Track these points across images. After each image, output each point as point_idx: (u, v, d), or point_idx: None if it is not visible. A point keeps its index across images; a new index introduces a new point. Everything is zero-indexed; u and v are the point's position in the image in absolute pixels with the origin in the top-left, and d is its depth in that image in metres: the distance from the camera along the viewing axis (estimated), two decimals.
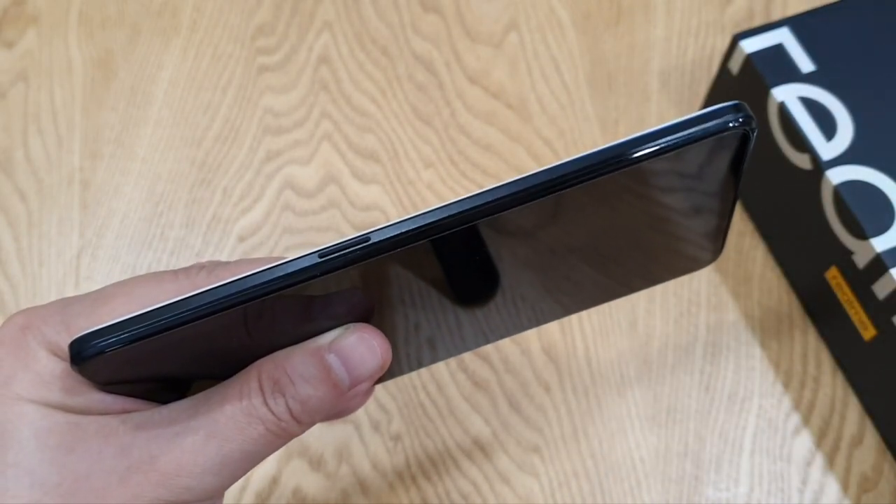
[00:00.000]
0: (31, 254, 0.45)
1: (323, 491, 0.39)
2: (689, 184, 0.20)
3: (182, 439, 0.21)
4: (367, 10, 0.52)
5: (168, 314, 0.19)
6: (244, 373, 0.22)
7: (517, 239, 0.21)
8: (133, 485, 0.20)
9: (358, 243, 0.19)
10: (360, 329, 0.22)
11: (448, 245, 0.20)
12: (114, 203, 0.46)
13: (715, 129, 0.18)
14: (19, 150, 0.48)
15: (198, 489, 0.21)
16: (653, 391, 0.41)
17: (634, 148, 0.18)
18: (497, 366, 0.42)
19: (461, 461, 0.40)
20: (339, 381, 0.22)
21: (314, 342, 0.22)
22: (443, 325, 0.24)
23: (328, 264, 0.19)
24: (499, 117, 0.48)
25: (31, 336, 0.21)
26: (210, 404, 0.21)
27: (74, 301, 0.22)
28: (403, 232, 0.19)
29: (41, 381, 0.21)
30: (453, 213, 0.19)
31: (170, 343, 0.20)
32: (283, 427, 0.21)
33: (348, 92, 0.49)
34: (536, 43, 0.51)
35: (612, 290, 0.26)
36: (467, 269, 0.22)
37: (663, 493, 0.39)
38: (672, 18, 0.51)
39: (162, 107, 0.49)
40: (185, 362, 0.22)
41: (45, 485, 0.20)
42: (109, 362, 0.20)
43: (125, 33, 0.51)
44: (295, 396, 0.21)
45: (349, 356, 0.22)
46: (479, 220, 0.19)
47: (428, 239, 0.19)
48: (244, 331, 0.21)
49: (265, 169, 0.47)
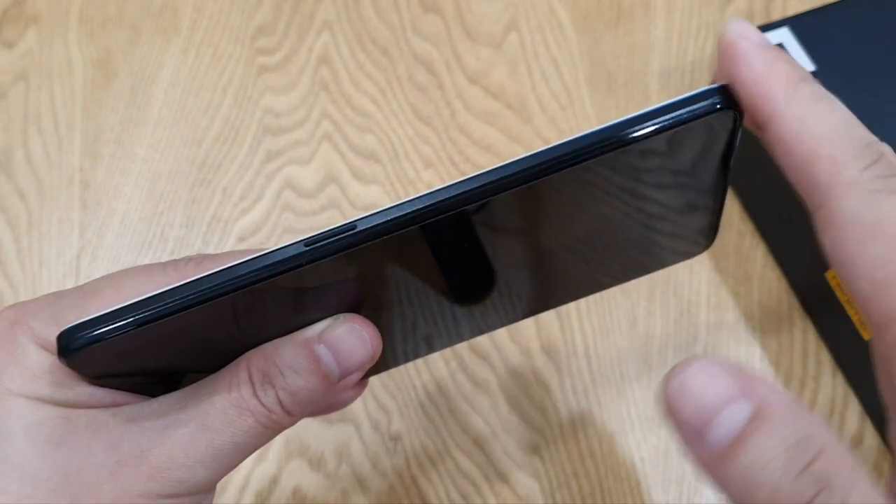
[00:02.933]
0: (31, 254, 0.45)
1: (323, 491, 0.39)
2: (678, 168, 0.20)
3: (173, 432, 0.21)
4: (368, 10, 0.52)
5: (155, 305, 0.19)
6: (234, 365, 0.22)
7: (506, 226, 0.21)
8: (124, 478, 0.20)
9: (344, 231, 0.19)
10: (349, 319, 0.22)
11: (436, 233, 0.20)
12: (114, 203, 0.46)
13: (702, 110, 0.18)
14: (19, 150, 0.48)
15: (189, 482, 0.21)
16: (653, 391, 0.41)
17: (622, 130, 0.18)
18: (497, 366, 0.42)
19: (461, 461, 0.40)
20: (329, 371, 0.21)
21: (303, 333, 0.22)
22: (435, 316, 0.24)
23: (314, 252, 0.19)
24: (499, 118, 0.49)
25: (20, 331, 0.21)
26: (200, 396, 0.21)
27: (64, 295, 0.22)
28: (390, 219, 0.19)
29: (31, 375, 0.21)
30: (439, 200, 0.19)
31: (158, 334, 0.20)
32: (273, 419, 0.21)
33: (348, 92, 0.49)
34: (536, 43, 0.51)
35: (605, 280, 0.26)
36: (457, 258, 0.22)
37: (663, 493, 0.39)
38: (672, 19, 0.51)
39: (162, 107, 0.49)
40: (175, 355, 0.22)
41: (35, 479, 0.20)
42: (98, 354, 0.20)
43: (125, 33, 0.51)
44: (285, 388, 0.21)
45: (339, 347, 0.21)
46: (464, 206, 0.19)
47: (415, 226, 0.19)
48: (233, 322, 0.21)
49: (265, 169, 0.47)
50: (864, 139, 0.18)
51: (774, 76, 0.18)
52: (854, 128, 0.18)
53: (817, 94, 0.18)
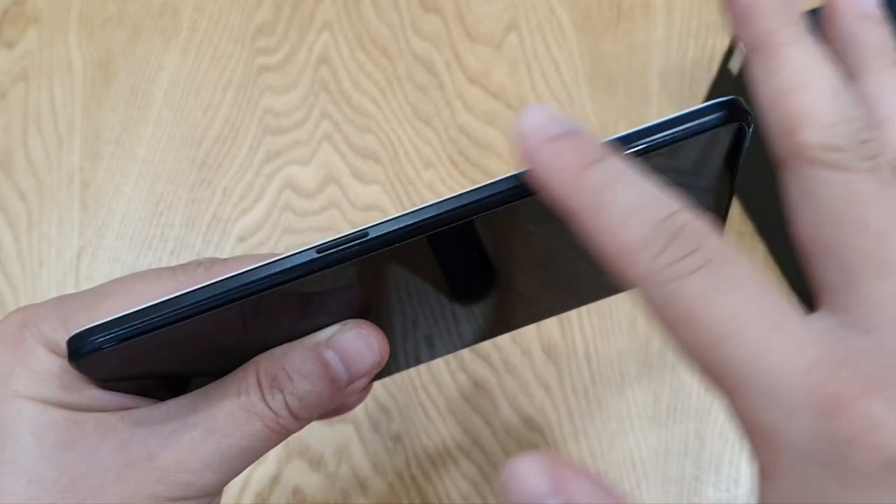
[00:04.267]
0: (31, 254, 0.45)
1: (323, 491, 0.39)
2: (685, 178, 0.20)
3: (180, 436, 0.21)
4: (368, 10, 0.52)
5: (165, 310, 0.19)
6: (242, 369, 0.22)
7: (515, 234, 0.21)
8: (131, 481, 0.20)
9: (356, 238, 0.19)
10: (357, 325, 0.22)
11: (446, 240, 0.20)
12: (114, 203, 0.46)
13: (710, 124, 0.18)
14: (19, 150, 0.48)
15: (196, 485, 0.21)
16: (653, 391, 0.41)
17: (629, 144, 0.18)
18: (497, 366, 0.42)
19: (461, 461, 0.40)
20: (337, 377, 0.22)
21: (312, 338, 0.22)
22: (440, 322, 0.24)
23: (326, 260, 0.19)
24: (499, 117, 0.49)
25: (29, 333, 0.21)
26: (208, 401, 0.21)
27: (72, 298, 0.22)
28: (401, 227, 0.19)
29: (39, 378, 0.21)
30: (451, 209, 0.19)
31: (167, 340, 0.20)
32: (281, 423, 0.21)
33: (348, 92, 0.49)
34: (536, 43, 0.51)
35: (609, 286, 0.26)
36: (465, 265, 0.22)
37: (663, 493, 0.39)
38: (672, 19, 0.51)
39: (162, 107, 0.49)
40: (183, 359, 0.22)
41: (43, 481, 0.20)
42: (107, 359, 0.20)
43: (125, 33, 0.51)
44: (293, 392, 0.21)
45: (347, 352, 0.22)
46: (476, 215, 0.19)
47: (425, 234, 0.19)
48: (242, 327, 0.21)
49: (265, 169, 0.47)
50: (658, 216, 0.16)
51: (557, 174, 0.17)
52: (646, 206, 0.16)
53: (606, 179, 0.17)
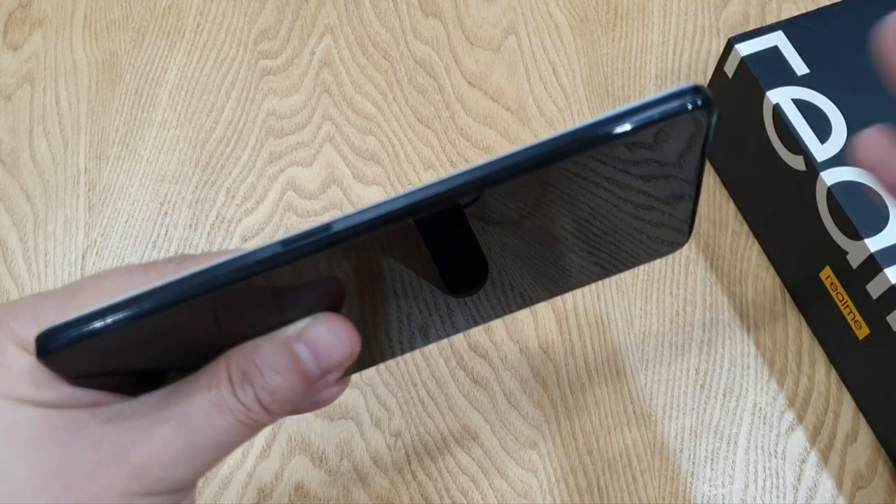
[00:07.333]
0: (36, 254, 0.46)
1: (324, 486, 0.40)
2: (653, 165, 0.21)
3: (153, 431, 0.21)
4: (369, 14, 0.53)
5: (132, 305, 0.19)
6: (214, 364, 0.22)
7: (484, 224, 0.21)
8: (104, 478, 0.20)
9: (319, 231, 0.19)
10: (328, 319, 0.22)
11: (414, 231, 0.20)
12: (119, 203, 0.47)
13: (673, 110, 0.19)
14: (25, 151, 0.48)
15: (170, 480, 0.21)
16: (649, 389, 0.42)
17: (594, 130, 0.18)
18: (496, 363, 0.42)
19: (460, 457, 0.41)
20: (307, 370, 0.22)
21: (282, 332, 0.22)
22: (415, 313, 0.24)
23: (290, 252, 0.19)
24: (497, 120, 0.49)
25: (0, 332, 0.21)
26: (180, 395, 0.21)
27: (46, 296, 0.22)
28: (364, 221, 0.19)
29: (10, 375, 0.21)
30: (411, 203, 0.19)
31: (138, 334, 0.20)
32: (252, 417, 0.21)
33: (350, 95, 0.50)
34: (534, 47, 0.51)
35: (588, 274, 0.26)
36: (436, 255, 0.22)
37: (659, 489, 0.40)
38: (668, 22, 0.52)
39: (166, 109, 0.50)
40: (156, 355, 0.22)
41: (14, 479, 0.20)
42: (77, 355, 0.20)
43: (130, 36, 0.52)
44: (264, 386, 0.21)
45: (317, 345, 0.22)
46: (438, 207, 0.19)
47: (389, 227, 0.19)
48: (213, 322, 0.21)
49: (268, 170, 0.48)
50: None
51: None
52: None
53: None
